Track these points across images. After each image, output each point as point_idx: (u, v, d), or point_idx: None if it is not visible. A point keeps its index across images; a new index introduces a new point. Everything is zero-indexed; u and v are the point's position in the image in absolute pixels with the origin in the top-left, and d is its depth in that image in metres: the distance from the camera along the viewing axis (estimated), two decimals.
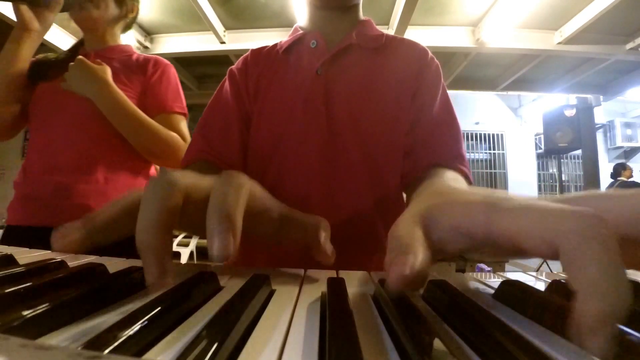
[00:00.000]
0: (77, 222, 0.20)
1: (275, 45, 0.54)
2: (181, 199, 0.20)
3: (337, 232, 0.29)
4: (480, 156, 5.12)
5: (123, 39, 0.85)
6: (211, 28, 2.70)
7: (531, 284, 0.21)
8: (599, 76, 3.68)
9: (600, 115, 4.81)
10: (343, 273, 0.26)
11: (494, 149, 5.09)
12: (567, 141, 3.43)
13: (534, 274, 0.28)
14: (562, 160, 3.93)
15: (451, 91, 0.61)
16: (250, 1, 2.56)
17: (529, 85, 4.01)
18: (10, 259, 0.25)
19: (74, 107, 0.71)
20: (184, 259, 3.43)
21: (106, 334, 0.12)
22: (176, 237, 3.47)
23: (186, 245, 3.59)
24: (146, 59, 0.80)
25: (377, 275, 0.26)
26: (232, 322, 0.13)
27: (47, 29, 0.73)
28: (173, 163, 0.75)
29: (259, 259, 0.47)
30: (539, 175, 5.11)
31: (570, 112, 3.43)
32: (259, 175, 0.48)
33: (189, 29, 2.94)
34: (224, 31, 2.89)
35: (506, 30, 2.69)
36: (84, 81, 0.67)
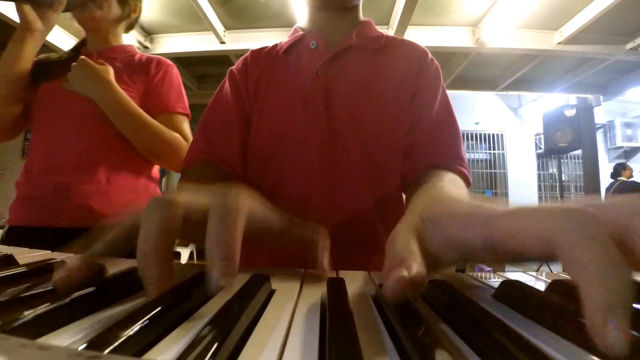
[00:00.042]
0: (77, 258, 0.20)
1: (275, 45, 0.54)
2: (180, 224, 0.21)
3: (337, 232, 0.29)
4: (480, 156, 5.12)
5: (123, 39, 0.84)
6: (211, 28, 2.70)
7: (531, 284, 0.21)
8: (599, 76, 3.68)
9: (600, 115, 4.81)
10: (343, 273, 0.26)
11: (494, 149, 5.09)
12: (567, 141, 3.43)
13: (534, 274, 0.28)
14: (562, 160, 3.93)
15: (451, 91, 0.61)
16: (250, 1, 2.55)
17: (529, 85, 4.00)
18: (10, 259, 0.25)
19: (76, 107, 0.71)
20: (184, 259, 3.43)
21: (106, 334, 0.12)
22: None
23: (186, 246, 3.59)
24: (149, 59, 0.80)
25: (377, 275, 0.26)
26: (232, 322, 0.13)
27: (50, 29, 0.72)
28: (175, 163, 0.74)
29: (259, 259, 0.47)
30: (539, 175, 5.11)
31: (570, 112, 3.43)
32: (259, 175, 0.48)
33: (189, 29, 2.93)
34: (224, 31, 2.88)
35: (506, 30, 2.68)
36: (87, 81, 0.67)
